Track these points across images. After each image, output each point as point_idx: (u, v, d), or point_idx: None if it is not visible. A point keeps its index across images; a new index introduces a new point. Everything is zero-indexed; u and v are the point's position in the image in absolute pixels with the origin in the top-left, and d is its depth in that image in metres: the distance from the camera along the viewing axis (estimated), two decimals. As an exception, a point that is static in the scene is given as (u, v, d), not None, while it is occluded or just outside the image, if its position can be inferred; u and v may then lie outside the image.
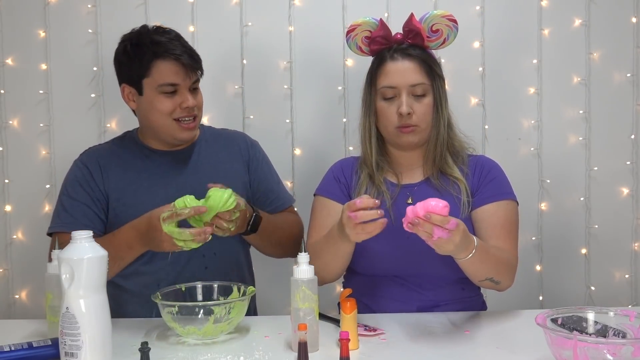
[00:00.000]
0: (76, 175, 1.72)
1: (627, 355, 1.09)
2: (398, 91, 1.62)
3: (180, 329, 1.39)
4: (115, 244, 1.54)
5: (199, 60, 1.71)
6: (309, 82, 2.25)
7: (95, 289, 1.20)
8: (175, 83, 1.65)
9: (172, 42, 1.66)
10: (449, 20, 1.67)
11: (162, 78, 1.65)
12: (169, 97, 1.66)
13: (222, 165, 1.79)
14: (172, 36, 1.69)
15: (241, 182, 1.79)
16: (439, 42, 1.69)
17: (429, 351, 1.32)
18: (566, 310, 1.28)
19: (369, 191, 1.66)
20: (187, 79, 1.66)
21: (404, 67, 1.63)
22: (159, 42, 1.65)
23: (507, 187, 1.68)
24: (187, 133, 1.71)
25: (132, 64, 1.67)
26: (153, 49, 1.65)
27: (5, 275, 2.24)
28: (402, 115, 1.60)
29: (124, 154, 1.76)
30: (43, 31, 2.21)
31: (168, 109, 1.66)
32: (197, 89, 1.72)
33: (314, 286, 1.31)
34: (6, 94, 2.22)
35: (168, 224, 1.43)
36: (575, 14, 2.26)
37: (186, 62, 1.65)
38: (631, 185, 2.29)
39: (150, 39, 1.66)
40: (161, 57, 1.64)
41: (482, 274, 1.51)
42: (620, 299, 2.30)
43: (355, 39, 1.72)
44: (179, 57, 1.64)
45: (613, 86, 2.27)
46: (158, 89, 1.66)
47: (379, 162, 1.69)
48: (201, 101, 1.73)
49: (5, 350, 1.28)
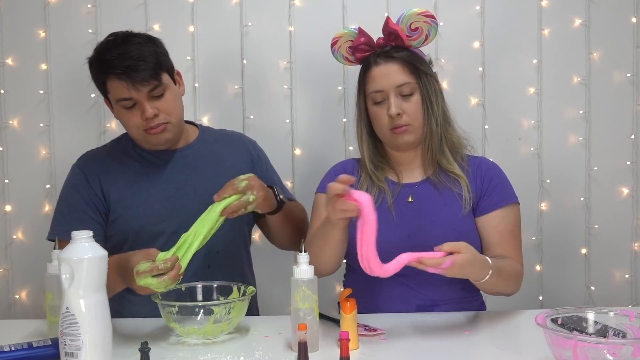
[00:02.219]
0: (72, 181, 1.73)
1: (627, 355, 1.08)
2: (386, 94, 1.63)
3: (180, 329, 1.39)
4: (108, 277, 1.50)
5: (150, 69, 1.61)
6: (309, 82, 2.25)
7: (95, 289, 1.20)
8: (128, 97, 1.62)
9: (118, 57, 1.60)
10: (425, 16, 1.67)
11: (116, 94, 1.63)
12: (131, 110, 1.63)
13: (222, 164, 1.78)
14: (121, 50, 1.61)
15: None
16: (421, 39, 1.69)
17: (429, 351, 1.32)
18: (566, 310, 1.28)
19: (369, 190, 1.67)
20: (139, 91, 1.61)
21: (387, 70, 1.64)
22: (105, 60, 1.62)
23: (510, 189, 1.69)
24: (156, 138, 1.66)
25: (95, 83, 1.68)
26: (101, 68, 1.63)
27: (5, 275, 2.24)
28: (392, 117, 1.62)
29: (122, 156, 1.76)
30: (43, 31, 2.21)
31: (135, 123, 1.64)
32: (161, 95, 1.65)
33: (314, 286, 1.31)
34: (6, 94, 2.22)
35: (143, 278, 1.33)
36: (575, 14, 2.26)
37: (131, 76, 1.59)
38: (631, 185, 2.29)
39: (100, 57, 1.64)
40: (109, 74, 1.62)
41: (496, 290, 1.57)
42: (620, 299, 2.30)
43: (340, 50, 1.75)
44: (121, 74, 1.59)
45: (613, 86, 2.27)
46: (118, 103, 1.64)
47: (377, 163, 1.70)
48: (169, 105, 1.66)
49: (5, 350, 1.28)
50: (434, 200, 1.65)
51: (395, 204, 1.65)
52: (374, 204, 1.34)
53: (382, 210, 1.63)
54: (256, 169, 1.82)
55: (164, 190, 1.71)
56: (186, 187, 1.72)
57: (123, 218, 1.68)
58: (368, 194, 1.38)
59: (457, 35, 2.24)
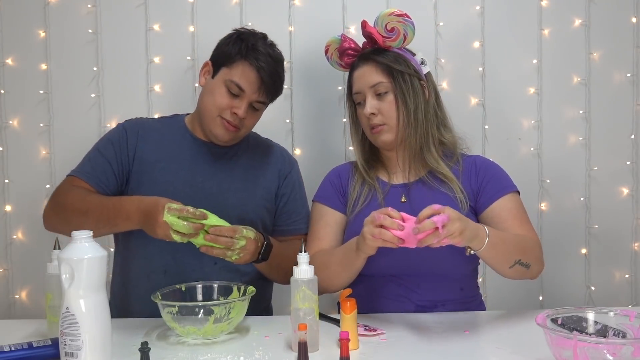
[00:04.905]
0: (113, 134, 1.77)
1: (627, 355, 1.09)
2: (363, 95, 1.67)
3: (180, 329, 1.39)
4: (117, 207, 1.56)
5: (275, 88, 1.72)
6: (309, 82, 2.25)
7: (95, 289, 1.20)
8: (241, 87, 1.67)
9: (268, 58, 1.68)
10: (397, 16, 1.69)
11: (236, 77, 1.67)
12: (230, 96, 1.68)
13: (253, 171, 1.80)
14: (273, 59, 1.70)
15: (266, 191, 1.80)
16: (400, 40, 1.70)
17: (429, 351, 1.32)
18: (566, 310, 1.28)
19: (361, 190, 1.69)
20: (253, 93, 1.67)
21: (364, 72, 1.68)
22: (256, 49, 1.68)
23: (507, 180, 1.69)
24: (223, 131, 1.70)
25: (225, 49, 1.71)
26: (247, 50, 1.68)
27: (5, 275, 2.24)
28: (367, 116, 1.66)
29: (166, 132, 1.79)
30: (43, 31, 2.21)
31: (220, 104, 1.68)
32: (257, 110, 1.72)
33: (314, 286, 1.32)
34: (6, 94, 2.22)
35: (171, 215, 1.44)
36: (575, 14, 2.26)
37: (264, 77, 1.66)
38: (631, 185, 2.29)
39: (253, 42, 1.69)
40: (248, 59, 1.67)
41: (509, 258, 1.49)
42: (620, 299, 2.30)
43: (333, 57, 1.81)
44: (259, 71, 1.66)
45: (613, 86, 2.27)
46: (226, 82, 1.68)
47: (369, 162, 1.74)
48: (252, 122, 1.74)
49: (5, 350, 1.28)
50: (427, 200, 1.64)
51: (387, 205, 1.64)
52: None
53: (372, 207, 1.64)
54: (283, 185, 1.83)
55: (189, 177, 1.73)
56: (212, 180, 1.74)
57: (138, 189, 1.71)
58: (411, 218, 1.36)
59: (457, 35, 2.24)
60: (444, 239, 1.31)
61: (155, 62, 2.22)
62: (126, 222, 1.55)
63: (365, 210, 1.64)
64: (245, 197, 1.75)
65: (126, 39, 2.21)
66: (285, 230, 1.82)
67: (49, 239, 1.71)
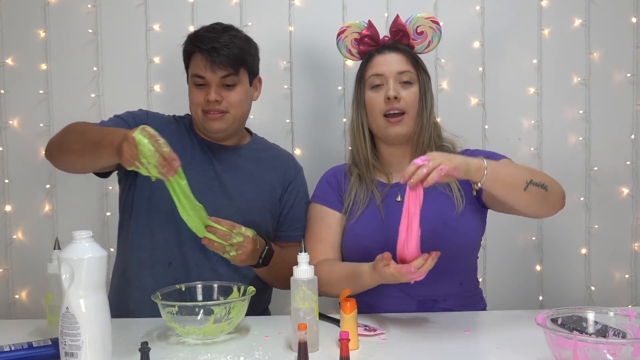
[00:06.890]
0: (135, 112, 1.79)
1: (627, 355, 1.09)
2: (385, 79, 1.66)
3: (180, 329, 1.39)
4: (110, 132, 1.52)
5: (231, 58, 1.67)
6: (309, 82, 2.25)
7: (95, 289, 1.20)
8: (201, 75, 1.69)
9: (209, 38, 1.68)
10: (432, 22, 1.73)
11: (193, 69, 1.71)
12: (199, 89, 1.70)
13: (258, 174, 1.79)
14: (215, 34, 1.69)
15: (271, 196, 1.79)
16: (424, 44, 1.75)
17: (429, 351, 1.32)
18: (566, 310, 1.28)
19: (359, 192, 1.68)
20: (213, 73, 1.68)
21: (391, 58, 1.69)
22: (198, 36, 1.71)
23: (496, 155, 1.66)
24: (210, 123, 1.71)
25: (183, 53, 1.75)
26: (192, 41, 1.72)
27: (5, 275, 2.24)
28: (389, 99, 1.64)
29: (174, 129, 1.79)
30: (43, 31, 2.21)
31: (198, 101, 1.71)
32: (231, 86, 1.71)
33: (314, 286, 1.32)
34: (6, 94, 2.22)
35: (143, 136, 1.36)
36: (575, 14, 2.26)
37: (214, 57, 1.66)
38: (631, 185, 2.29)
39: (196, 33, 1.73)
40: (195, 49, 1.70)
41: (519, 180, 1.43)
42: (620, 299, 2.30)
43: (345, 41, 1.78)
44: (207, 51, 1.67)
45: (613, 86, 2.27)
46: (192, 79, 1.72)
47: (370, 159, 1.71)
48: (235, 99, 1.71)
49: (5, 350, 1.28)
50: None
51: (383, 204, 1.65)
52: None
53: (370, 209, 1.64)
54: (288, 190, 1.83)
55: (193, 176, 1.72)
56: (213, 181, 1.74)
57: (144, 188, 1.70)
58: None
59: (457, 35, 2.24)
60: (435, 175, 1.32)
61: (155, 62, 2.22)
62: (108, 147, 1.47)
63: (364, 213, 1.64)
64: (249, 200, 1.75)
65: (126, 39, 2.21)
66: (287, 236, 1.82)
67: (49, 239, 1.71)
